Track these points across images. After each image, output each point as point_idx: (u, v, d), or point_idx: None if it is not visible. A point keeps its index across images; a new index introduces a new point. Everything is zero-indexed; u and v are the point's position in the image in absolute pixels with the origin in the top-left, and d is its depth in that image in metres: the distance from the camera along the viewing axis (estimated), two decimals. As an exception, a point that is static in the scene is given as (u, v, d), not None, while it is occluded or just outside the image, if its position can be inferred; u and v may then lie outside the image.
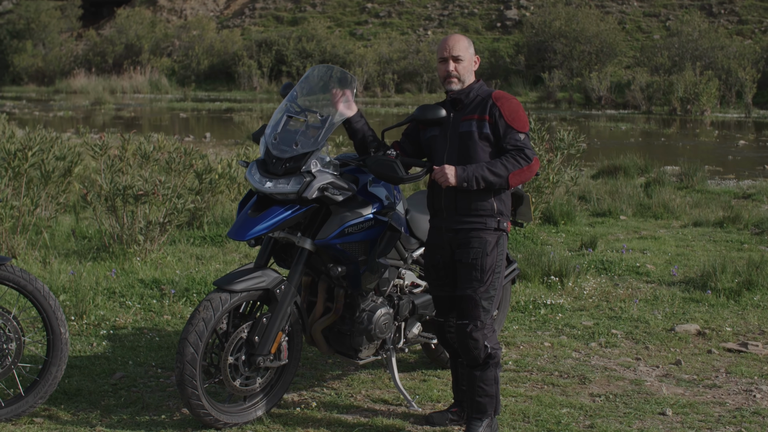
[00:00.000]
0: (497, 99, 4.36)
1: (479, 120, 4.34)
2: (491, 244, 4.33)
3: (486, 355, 4.32)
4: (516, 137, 4.31)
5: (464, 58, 4.42)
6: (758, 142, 20.11)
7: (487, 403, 4.36)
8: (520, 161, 4.28)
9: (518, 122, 4.33)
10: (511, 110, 4.33)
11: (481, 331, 4.30)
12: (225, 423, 4.43)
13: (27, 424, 4.47)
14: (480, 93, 4.43)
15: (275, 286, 4.42)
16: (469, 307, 4.32)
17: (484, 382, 4.35)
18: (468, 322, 4.31)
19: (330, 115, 4.55)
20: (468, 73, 4.44)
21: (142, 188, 7.66)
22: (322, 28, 37.55)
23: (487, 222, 4.34)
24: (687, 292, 7.12)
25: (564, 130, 9.99)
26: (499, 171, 4.25)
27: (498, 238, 4.36)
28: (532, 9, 37.12)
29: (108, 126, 22.36)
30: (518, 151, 4.29)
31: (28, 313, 5.29)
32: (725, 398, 5.02)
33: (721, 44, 30.17)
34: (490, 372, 4.35)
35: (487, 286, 4.31)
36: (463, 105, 4.43)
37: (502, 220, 4.37)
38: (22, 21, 41.18)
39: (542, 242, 8.87)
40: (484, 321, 4.31)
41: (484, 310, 4.31)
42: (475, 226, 4.34)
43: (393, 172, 4.34)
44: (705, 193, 11.94)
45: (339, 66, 30.40)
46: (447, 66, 4.41)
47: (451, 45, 4.42)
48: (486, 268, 4.31)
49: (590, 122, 24.53)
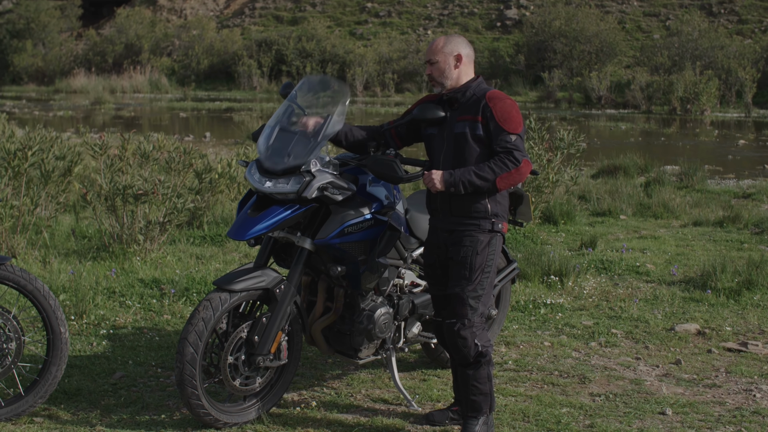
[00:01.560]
0: (490, 99, 4.31)
1: (472, 121, 4.31)
2: (483, 244, 4.33)
3: (477, 353, 4.31)
4: (506, 139, 4.25)
5: (437, 59, 4.39)
6: (758, 142, 20.11)
7: (482, 401, 4.36)
8: (507, 164, 4.22)
9: (510, 123, 4.26)
10: (503, 110, 4.28)
11: (469, 329, 4.29)
12: (225, 423, 4.43)
13: (27, 423, 4.47)
14: (476, 92, 4.39)
15: (275, 286, 4.42)
16: (457, 306, 4.32)
17: (478, 381, 4.35)
18: (455, 321, 4.31)
19: (322, 127, 4.54)
20: (444, 74, 4.39)
21: (142, 188, 7.66)
22: (322, 27, 37.53)
23: (481, 224, 4.34)
24: (687, 292, 7.12)
25: (564, 129, 9.98)
26: (486, 175, 4.21)
27: (491, 238, 4.36)
28: (532, 9, 37.11)
29: (108, 126, 22.36)
30: (507, 154, 4.23)
31: (28, 312, 5.29)
32: (725, 398, 5.02)
33: (721, 44, 30.16)
34: (483, 370, 4.34)
35: (475, 285, 4.31)
36: (459, 104, 4.40)
37: (497, 221, 4.36)
38: (22, 21, 41.15)
39: (542, 242, 8.87)
40: (471, 319, 4.30)
41: (471, 308, 4.30)
42: (469, 227, 4.34)
43: (392, 171, 4.34)
44: (705, 193, 11.94)
45: (339, 65, 30.05)
46: (426, 69, 4.46)
47: (428, 49, 4.44)
48: (475, 267, 4.31)
49: (590, 122, 24.53)
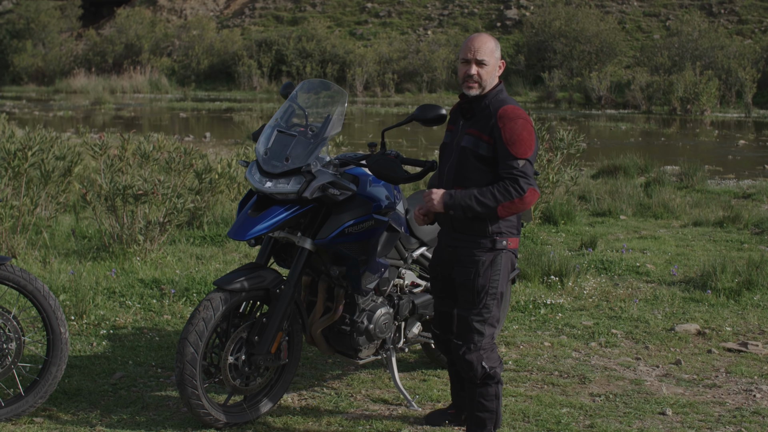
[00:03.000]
0: (500, 118, 4.04)
1: (478, 138, 4.08)
2: (484, 265, 4.11)
3: (484, 375, 4.17)
4: (513, 164, 3.99)
5: (489, 62, 4.10)
6: (758, 142, 20.11)
7: (487, 419, 4.25)
8: (511, 192, 3.98)
9: (518, 147, 3.99)
10: (513, 132, 4.00)
11: (475, 353, 4.13)
12: (225, 423, 4.43)
13: (27, 424, 4.47)
14: (492, 103, 4.12)
15: (275, 286, 4.42)
16: (462, 328, 4.17)
17: (485, 398, 4.22)
18: (461, 344, 4.16)
19: (322, 129, 4.55)
20: (491, 78, 4.12)
21: (142, 188, 7.66)
22: (322, 27, 37.54)
23: (481, 242, 4.12)
24: (687, 292, 7.12)
25: (564, 129, 9.99)
26: (487, 201, 3.99)
27: (494, 257, 4.12)
28: (532, 9, 37.12)
29: (108, 126, 22.36)
30: (512, 181, 3.98)
31: (28, 313, 5.29)
32: (725, 398, 5.02)
33: (721, 44, 30.18)
34: (490, 389, 4.21)
35: (480, 309, 4.12)
36: (473, 114, 4.16)
37: (499, 239, 4.12)
38: (22, 21, 41.15)
39: (542, 242, 8.87)
40: (477, 344, 4.12)
41: (477, 332, 4.12)
42: (469, 245, 4.14)
43: (393, 172, 4.33)
44: (705, 193, 11.94)
45: (339, 65, 30.10)
46: (469, 69, 4.11)
47: (477, 47, 4.09)
48: (478, 290, 4.11)
49: (590, 122, 24.53)
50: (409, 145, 17.72)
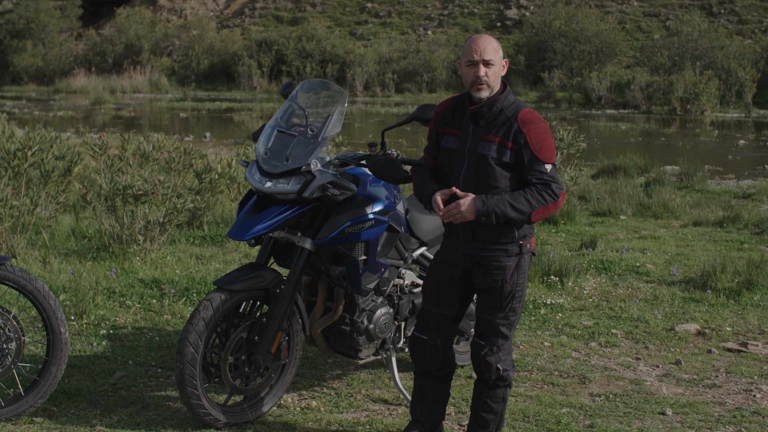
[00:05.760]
0: (524, 124, 3.94)
1: (501, 145, 3.95)
2: (510, 270, 4.04)
3: (497, 377, 4.13)
4: (542, 169, 3.94)
5: (495, 62, 3.98)
6: (758, 142, 20.11)
7: (491, 420, 4.20)
8: (546, 198, 3.93)
9: (545, 152, 3.94)
10: (539, 138, 3.94)
11: (496, 355, 4.10)
12: (225, 423, 4.43)
13: (27, 424, 4.47)
14: (505, 107, 4.00)
15: (275, 286, 4.42)
16: (485, 330, 4.11)
17: (492, 399, 4.18)
18: (484, 344, 4.08)
19: (322, 129, 4.55)
20: (498, 78, 4.02)
21: (142, 188, 7.66)
22: (322, 27, 37.53)
23: (509, 248, 4.04)
24: (687, 292, 7.12)
25: (564, 129, 10.00)
26: (521, 207, 3.91)
27: (519, 261, 4.06)
28: (532, 9, 37.11)
29: (108, 126, 22.37)
30: (545, 186, 3.93)
31: (28, 312, 5.29)
32: (725, 398, 5.03)
33: (721, 44, 30.17)
34: (499, 390, 4.17)
35: (506, 312, 4.07)
36: (485, 119, 4.01)
37: (525, 242, 4.06)
38: (22, 21, 41.14)
39: (542, 242, 8.87)
40: (500, 346, 4.09)
41: (502, 335, 4.08)
42: (495, 253, 4.03)
43: (393, 172, 4.33)
44: (705, 193, 11.94)
45: (339, 65, 30.12)
46: (477, 70, 3.97)
47: (482, 47, 3.98)
48: (505, 295, 4.05)
49: (590, 122, 24.53)
50: (409, 145, 17.73)
